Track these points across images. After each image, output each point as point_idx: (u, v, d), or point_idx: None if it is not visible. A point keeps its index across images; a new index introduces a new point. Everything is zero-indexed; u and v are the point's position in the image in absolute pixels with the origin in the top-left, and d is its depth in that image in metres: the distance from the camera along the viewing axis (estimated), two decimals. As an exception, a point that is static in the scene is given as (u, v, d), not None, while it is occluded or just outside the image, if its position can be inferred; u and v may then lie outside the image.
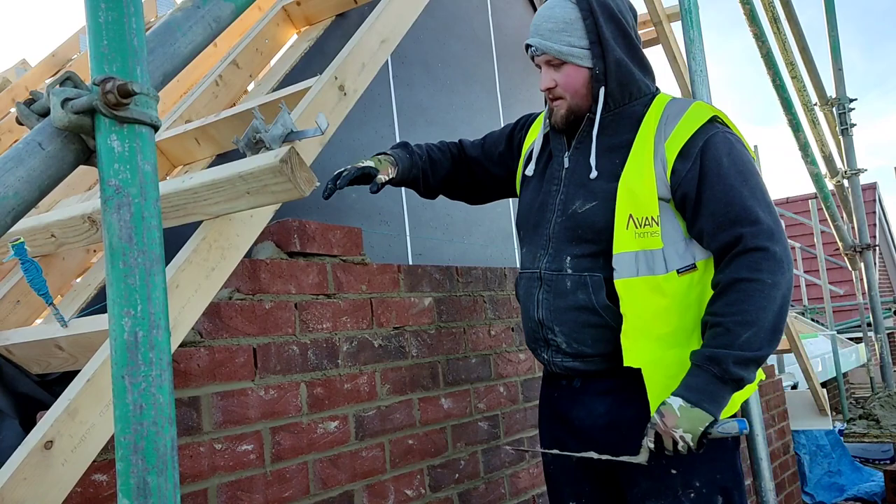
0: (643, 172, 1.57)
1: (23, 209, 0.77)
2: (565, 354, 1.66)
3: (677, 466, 1.54)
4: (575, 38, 1.62)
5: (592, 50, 1.61)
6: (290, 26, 2.44)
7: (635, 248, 1.56)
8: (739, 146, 1.58)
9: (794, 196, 13.09)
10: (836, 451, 5.27)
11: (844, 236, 5.53)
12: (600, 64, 1.62)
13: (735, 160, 1.55)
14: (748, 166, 1.56)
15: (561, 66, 1.64)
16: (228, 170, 1.28)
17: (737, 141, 1.59)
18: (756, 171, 1.57)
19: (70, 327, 1.36)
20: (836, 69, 5.58)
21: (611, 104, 1.64)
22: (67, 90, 0.78)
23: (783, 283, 1.48)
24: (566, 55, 1.62)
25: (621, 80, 1.63)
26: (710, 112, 1.60)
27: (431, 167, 1.90)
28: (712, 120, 1.58)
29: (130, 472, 0.73)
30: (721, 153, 1.55)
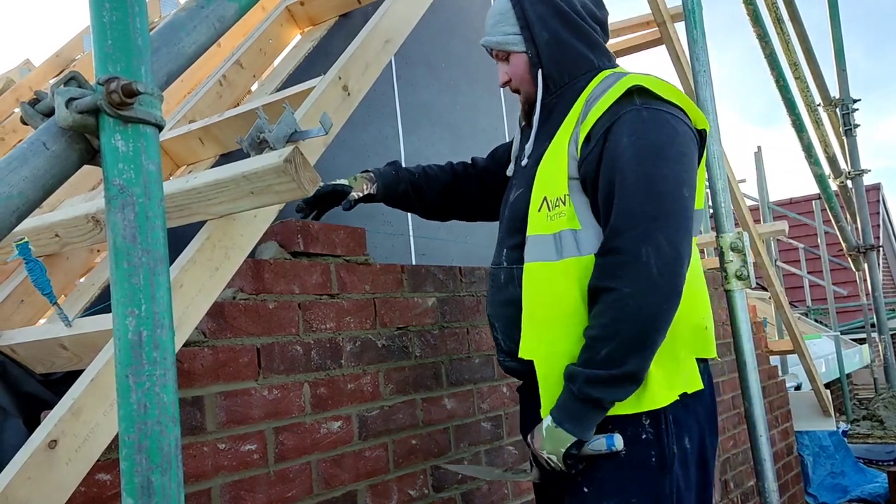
0: (559, 153, 1.48)
1: (27, 209, 0.77)
2: (505, 354, 1.58)
3: (589, 485, 1.43)
4: (509, 26, 1.59)
5: (524, 34, 1.57)
6: (293, 26, 2.44)
7: (548, 230, 1.45)
8: (653, 124, 1.39)
9: (797, 197, 13.07)
10: (839, 453, 5.26)
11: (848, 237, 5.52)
12: (532, 47, 1.57)
13: (636, 142, 1.37)
14: (650, 149, 1.37)
15: (508, 58, 1.62)
16: (232, 170, 1.28)
17: (652, 119, 1.40)
18: (662, 153, 1.37)
19: (74, 327, 1.36)
20: (839, 70, 5.57)
21: (550, 86, 1.57)
22: (72, 90, 0.78)
23: (648, 290, 1.31)
24: (503, 44, 1.60)
25: (556, 59, 1.55)
26: (632, 83, 1.42)
27: (426, 182, 1.86)
28: (629, 94, 1.41)
29: (135, 471, 0.73)
30: (622, 134, 1.39)
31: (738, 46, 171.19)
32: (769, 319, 5.88)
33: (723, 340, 3.58)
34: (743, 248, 2.22)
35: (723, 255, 2.22)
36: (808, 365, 4.38)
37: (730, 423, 3.53)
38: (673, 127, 1.41)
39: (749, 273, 2.21)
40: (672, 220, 1.34)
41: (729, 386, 3.55)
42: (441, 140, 2.98)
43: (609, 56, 1.61)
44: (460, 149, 3.07)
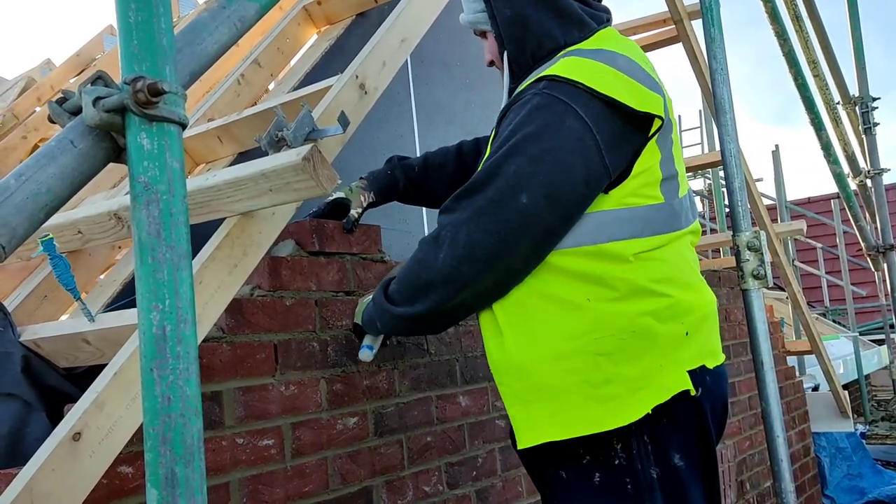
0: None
1: (56, 205, 0.79)
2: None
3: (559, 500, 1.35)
4: (478, 3, 1.42)
5: (487, 10, 1.40)
6: (310, 25, 2.46)
7: None
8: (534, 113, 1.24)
9: (815, 196, 12.95)
10: (857, 454, 5.21)
11: (867, 237, 5.46)
12: (495, 26, 1.40)
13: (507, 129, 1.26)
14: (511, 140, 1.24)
15: (485, 37, 1.48)
16: (251, 167, 1.30)
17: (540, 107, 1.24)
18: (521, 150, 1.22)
19: (97, 322, 1.39)
20: (859, 67, 5.51)
21: (515, 69, 1.41)
22: (99, 89, 0.80)
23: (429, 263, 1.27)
24: (474, 23, 1.46)
25: (518, 38, 1.37)
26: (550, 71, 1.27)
27: (428, 174, 1.80)
28: (539, 80, 1.28)
29: (159, 462, 0.75)
30: (503, 125, 1.30)
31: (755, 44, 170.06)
32: (786, 319, 5.84)
33: (739, 340, 3.56)
34: (760, 248, 2.21)
35: (739, 254, 2.21)
36: (826, 366, 4.34)
37: (746, 423, 3.51)
38: (558, 120, 1.22)
39: (766, 272, 2.20)
40: (487, 218, 1.22)
41: (745, 386, 3.53)
42: (456, 138, 2.98)
43: (582, 24, 1.37)
44: (476, 147, 3.08)
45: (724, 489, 3.15)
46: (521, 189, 1.21)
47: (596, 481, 1.27)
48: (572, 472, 1.29)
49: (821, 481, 4.75)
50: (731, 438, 3.34)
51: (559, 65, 1.28)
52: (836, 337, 7.48)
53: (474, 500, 2.04)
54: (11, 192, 0.76)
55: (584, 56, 1.29)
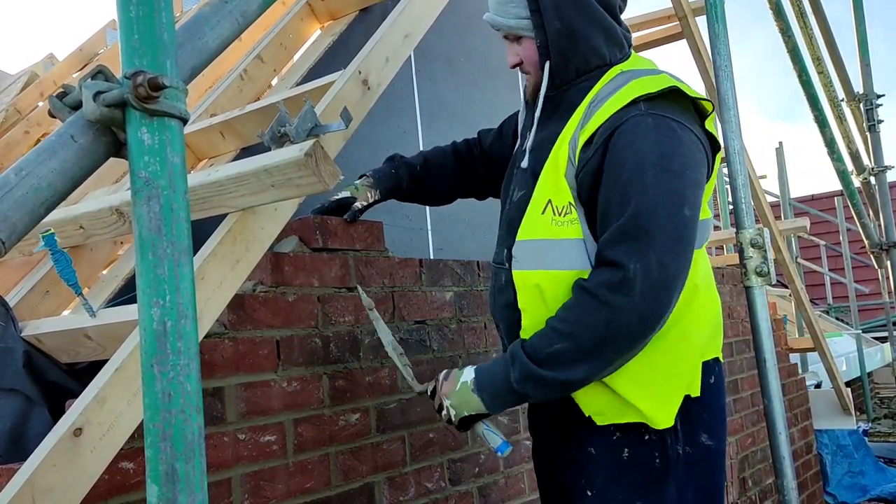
0: (562, 158, 1.39)
1: (56, 200, 0.79)
2: None
3: (592, 489, 1.40)
4: (520, 8, 1.43)
5: (533, 19, 1.42)
6: (313, 21, 2.45)
7: (549, 235, 1.37)
8: (656, 133, 1.29)
9: (819, 193, 12.92)
10: (859, 452, 5.20)
11: (871, 234, 5.45)
12: (542, 35, 1.42)
13: (637, 151, 1.28)
14: (648, 160, 1.28)
15: (518, 41, 1.48)
16: (253, 163, 1.30)
17: (656, 126, 1.30)
18: (661, 164, 1.28)
19: (98, 317, 1.39)
20: (863, 64, 5.49)
21: (556, 81, 1.45)
22: (99, 83, 0.80)
23: (626, 307, 1.24)
24: (515, 28, 1.45)
25: (565, 51, 1.41)
26: (638, 92, 1.32)
27: (430, 173, 1.82)
28: (636, 102, 1.32)
29: (159, 458, 0.75)
30: (624, 145, 1.30)
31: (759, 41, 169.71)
32: (789, 317, 5.83)
33: (742, 337, 3.55)
34: (763, 245, 2.20)
35: (742, 251, 2.21)
36: (829, 363, 4.33)
37: (749, 420, 3.50)
38: (678, 136, 1.31)
39: (769, 269, 2.19)
40: (666, 239, 1.26)
41: (748, 383, 3.52)
42: (460, 135, 2.97)
43: (622, 45, 1.46)
44: (479, 143, 3.07)
45: (726, 487, 3.15)
46: (682, 203, 1.28)
47: (624, 457, 1.37)
48: (601, 448, 1.39)
49: (823, 479, 4.75)
50: (734, 435, 3.34)
51: (645, 84, 1.33)
52: (838, 334, 7.47)
53: (476, 496, 2.04)
54: (11, 186, 0.75)
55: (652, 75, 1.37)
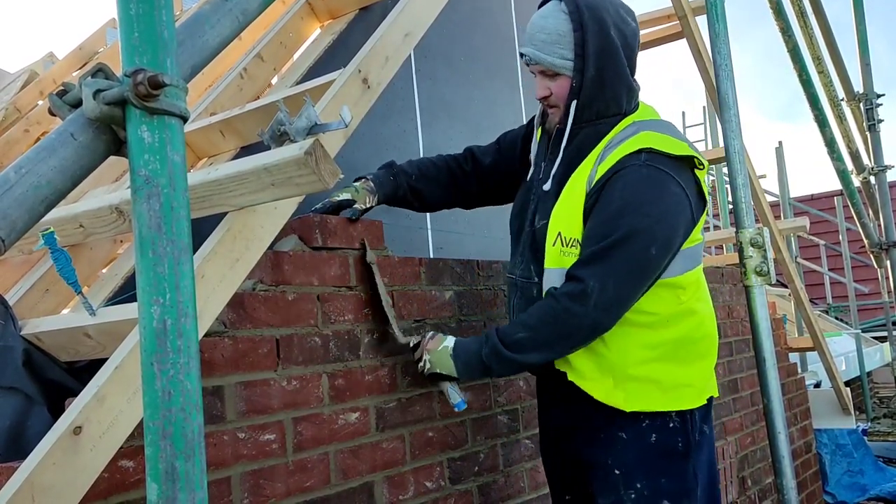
0: (576, 196, 1.62)
1: (55, 198, 0.79)
2: None
3: (620, 468, 1.62)
4: (566, 50, 1.63)
5: (575, 63, 1.63)
6: (313, 20, 2.45)
7: (559, 265, 1.63)
8: (647, 182, 1.55)
9: (819, 193, 12.92)
10: (858, 451, 5.21)
11: (870, 234, 5.45)
12: (579, 77, 1.63)
13: (625, 195, 1.54)
14: (632, 205, 1.53)
15: (555, 77, 1.67)
16: (253, 162, 1.30)
17: (648, 177, 1.55)
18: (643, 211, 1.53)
19: (98, 316, 1.39)
20: (863, 64, 5.49)
21: (581, 119, 1.67)
22: (99, 81, 0.79)
23: (579, 314, 1.53)
24: (559, 68, 1.65)
25: (593, 96, 1.64)
26: (644, 144, 1.57)
27: (425, 184, 1.94)
28: (638, 153, 1.56)
29: (159, 457, 0.75)
30: (616, 187, 1.55)
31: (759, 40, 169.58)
32: (789, 316, 5.83)
33: (742, 337, 3.55)
34: (763, 244, 2.20)
35: (742, 250, 2.21)
36: (828, 362, 4.33)
37: (748, 419, 3.50)
38: (665, 187, 1.56)
39: (769, 269, 2.19)
40: (625, 269, 1.53)
41: (748, 382, 3.53)
42: (460, 134, 2.99)
43: (634, 98, 1.71)
44: (479, 142, 3.07)
45: (725, 485, 3.15)
46: (651, 244, 1.53)
47: (652, 440, 1.61)
48: (631, 433, 1.62)
49: (822, 478, 4.75)
50: (733, 435, 3.34)
51: (650, 139, 1.58)
52: (838, 334, 7.47)
53: (476, 495, 2.04)
54: (11, 184, 0.75)
55: (658, 131, 1.61)
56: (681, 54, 57.71)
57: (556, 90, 1.68)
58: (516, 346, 1.58)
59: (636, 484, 1.60)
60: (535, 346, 1.58)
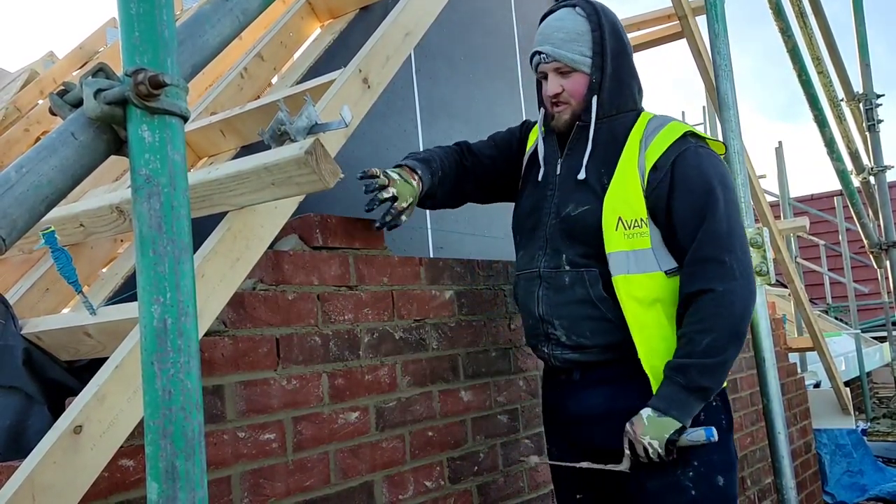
0: (630, 180, 1.69)
1: (56, 198, 0.79)
2: (565, 347, 1.76)
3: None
4: (585, 48, 1.73)
5: (594, 60, 1.73)
6: (313, 19, 2.45)
7: (626, 247, 1.67)
8: (710, 160, 1.70)
9: (818, 193, 12.92)
10: (858, 451, 5.21)
11: (870, 234, 5.45)
12: (598, 74, 1.73)
13: (702, 173, 1.66)
14: (714, 179, 1.66)
15: (569, 74, 1.75)
16: (254, 161, 1.30)
17: (708, 155, 1.70)
18: (723, 182, 1.67)
19: (98, 315, 1.39)
20: (863, 64, 5.49)
21: (601, 113, 1.75)
22: (100, 81, 0.80)
23: (736, 288, 1.60)
24: (577, 63, 1.73)
25: (613, 91, 1.75)
26: (684, 129, 1.71)
27: (440, 186, 1.90)
28: (685, 136, 1.70)
29: (159, 455, 0.75)
30: (689, 167, 1.66)
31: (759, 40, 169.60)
32: (788, 316, 5.83)
33: (741, 337, 3.55)
34: (763, 244, 2.21)
35: (742, 250, 2.20)
36: (828, 363, 4.34)
37: (748, 419, 3.51)
38: (723, 164, 1.75)
39: (769, 269, 2.19)
40: (740, 236, 1.66)
41: (747, 382, 3.53)
42: (460, 134, 2.98)
43: (642, 97, 1.85)
44: (479, 142, 3.07)
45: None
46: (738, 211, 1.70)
47: (702, 418, 1.66)
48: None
49: (822, 478, 4.75)
50: (733, 434, 3.33)
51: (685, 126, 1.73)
52: (838, 334, 7.47)
53: (476, 495, 2.04)
54: (12, 183, 0.75)
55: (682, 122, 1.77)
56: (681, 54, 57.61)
57: (570, 87, 1.75)
58: (714, 351, 1.58)
59: (693, 462, 1.65)
60: (727, 341, 1.60)
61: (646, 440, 1.58)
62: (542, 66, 1.78)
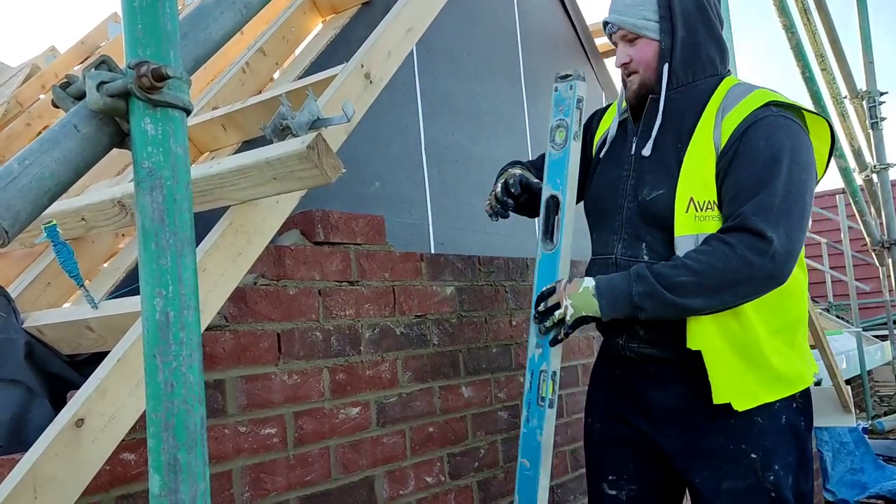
0: (704, 156, 1.56)
1: (59, 190, 0.79)
2: (642, 340, 1.67)
3: (756, 451, 1.60)
4: (649, 11, 1.62)
5: (661, 24, 1.61)
6: (315, 14, 2.45)
7: (694, 231, 1.55)
8: (787, 131, 1.53)
9: (820, 191, 12.89)
10: (859, 449, 5.21)
11: (872, 232, 5.45)
12: (668, 39, 1.61)
13: (772, 143, 1.50)
14: (783, 152, 1.50)
15: (635, 41, 1.65)
16: (255, 156, 1.30)
17: (786, 126, 1.53)
18: (794, 157, 1.50)
19: (100, 309, 1.39)
20: (866, 62, 5.48)
21: (674, 82, 1.63)
22: (103, 73, 0.79)
23: (755, 263, 1.46)
24: (640, 28, 1.63)
25: (686, 57, 1.62)
26: (768, 98, 1.55)
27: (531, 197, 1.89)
28: (767, 105, 1.54)
29: (161, 448, 0.75)
30: (759, 136, 1.52)
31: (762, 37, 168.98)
32: (790, 314, 5.81)
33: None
34: (765, 241, 2.20)
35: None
36: (829, 360, 4.33)
37: (748, 417, 3.50)
38: (804, 138, 1.56)
39: (770, 266, 2.18)
40: (795, 219, 1.49)
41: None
42: (461, 130, 2.98)
43: (727, 59, 1.69)
44: (481, 138, 3.07)
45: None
46: (805, 191, 1.51)
47: (783, 422, 1.62)
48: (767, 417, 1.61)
49: (822, 476, 4.75)
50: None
51: (773, 94, 1.57)
52: (839, 332, 7.46)
53: (476, 490, 2.04)
54: (15, 176, 0.75)
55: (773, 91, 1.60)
56: (683, 51, 57.21)
57: (637, 55, 1.65)
58: (678, 289, 1.49)
59: (774, 466, 1.59)
60: (699, 292, 1.49)
61: (567, 302, 1.58)
62: (612, 35, 1.69)
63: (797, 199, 1.50)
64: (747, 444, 1.59)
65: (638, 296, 1.51)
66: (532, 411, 1.69)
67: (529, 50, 3.50)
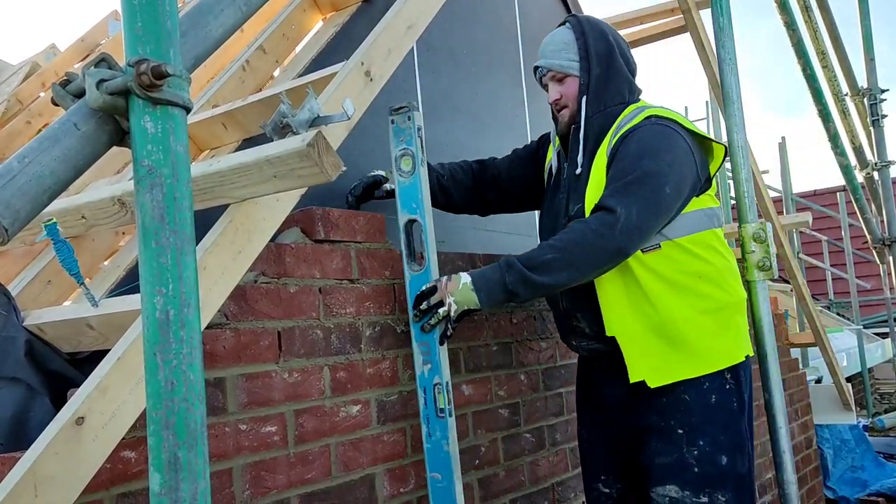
0: (601, 169, 1.81)
1: (58, 188, 0.79)
2: (589, 338, 1.90)
3: (683, 427, 1.77)
4: (571, 53, 1.92)
5: (581, 64, 1.90)
6: (316, 12, 2.45)
7: None
8: (659, 135, 1.76)
9: (821, 188, 12.89)
10: (859, 447, 5.21)
11: (873, 229, 5.44)
12: (586, 76, 1.90)
13: (641, 145, 1.75)
14: (647, 150, 1.73)
15: (563, 80, 1.93)
16: (256, 153, 1.29)
17: (658, 131, 1.77)
18: (658, 154, 1.73)
19: (100, 307, 1.39)
20: (867, 59, 5.47)
21: (589, 111, 1.89)
22: (102, 71, 0.79)
23: (605, 234, 1.65)
24: (566, 68, 1.92)
25: (598, 90, 1.89)
26: (650, 113, 1.81)
27: (453, 185, 2.14)
28: (648, 118, 1.80)
29: (162, 447, 0.75)
30: (632, 140, 1.76)
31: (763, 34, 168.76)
32: (791, 312, 5.82)
33: (743, 332, 3.54)
34: (766, 239, 2.20)
35: (744, 245, 2.21)
36: (830, 358, 4.34)
37: (748, 414, 3.50)
38: (673, 140, 1.78)
39: (772, 264, 2.19)
40: (648, 202, 1.69)
41: (748, 378, 3.52)
42: (462, 128, 2.98)
43: (635, 91, 1.96)
44: (481, 136, 3.06)
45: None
46: (665, 183, 1.72)
47: (712, 401, 1.77)
48: (694, 394, 1.77)
49: (823, 473, 4.75)
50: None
51: (655, 111, 1.83)
52: (839, 330, 7.47)
53: (476, 488, 2.04)
54: (15, 174, 0.75)
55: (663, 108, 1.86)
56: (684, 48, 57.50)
57: (566, 91, 1.92)
58: (544, 268, 1.66)
59: (699, 441, 1.74)
60: (563, 266, 1.66)
61: (450, 299, 1.70)
62: (543, 78, 1.97)
63: (653, 185, 1.70)
64: (675, 421, 1.77)
65: (511, 283, 1.68)
66: (433, 425, 1.77)
67: (530, 47, 3.50)
